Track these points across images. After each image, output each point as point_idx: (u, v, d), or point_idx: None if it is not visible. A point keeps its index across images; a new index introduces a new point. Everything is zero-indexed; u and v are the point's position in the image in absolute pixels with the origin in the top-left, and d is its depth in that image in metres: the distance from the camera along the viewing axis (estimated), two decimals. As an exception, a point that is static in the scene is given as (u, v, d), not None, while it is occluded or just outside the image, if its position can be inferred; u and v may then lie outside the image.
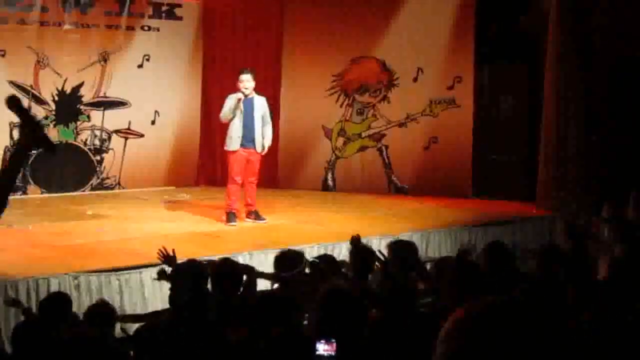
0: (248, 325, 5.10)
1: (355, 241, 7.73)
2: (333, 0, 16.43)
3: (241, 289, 6.92)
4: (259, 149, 12.53)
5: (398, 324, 5.31)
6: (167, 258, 7.51)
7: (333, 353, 3.99)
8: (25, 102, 14.42)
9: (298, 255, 7.82)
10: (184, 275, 6.92)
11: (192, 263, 7.31)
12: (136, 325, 6.65)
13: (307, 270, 7.45)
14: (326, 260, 7.66)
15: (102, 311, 6.59)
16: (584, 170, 13.33)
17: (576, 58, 13.46)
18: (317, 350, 4.00)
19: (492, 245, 7.87)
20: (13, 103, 5.20)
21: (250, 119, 12.48)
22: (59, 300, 6.79)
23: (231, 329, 5.40)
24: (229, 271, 6.99)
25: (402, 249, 8.00)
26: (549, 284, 6.14)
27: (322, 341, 4.01)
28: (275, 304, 5.09)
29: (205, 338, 5.27)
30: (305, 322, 5.42)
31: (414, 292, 6.13)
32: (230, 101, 12.44)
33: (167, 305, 7.17)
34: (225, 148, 12.62)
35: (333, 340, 4.01)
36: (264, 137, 12.59)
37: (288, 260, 7.66)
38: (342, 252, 10.00)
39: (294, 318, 5.01)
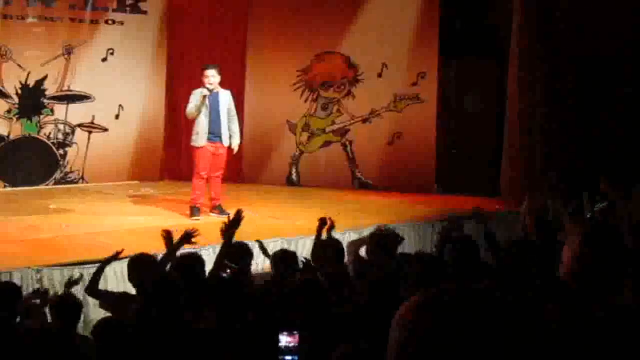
0: (215, 314, 5.12)
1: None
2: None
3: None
4: (225, 142, 12.54)
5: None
6: (186, 235, 7.53)
7: (296, 344, 4.02)
8: None
9: (245, 248, 7.88)
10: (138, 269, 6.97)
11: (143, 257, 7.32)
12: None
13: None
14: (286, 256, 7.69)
15: (69, 304, 6.57)
16: (548, 164, 13.43)
17: (540, 52, 13.56)
18: (279, 341, 4.03)
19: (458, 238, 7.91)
20: None
21: (217, 114, 12.48)
22: (7, 291, 6.71)
23: (198, 316, 5.42)
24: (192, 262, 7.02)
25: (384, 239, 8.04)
26: (515, 277, 6.18)
27: (285, 333, 4.05)
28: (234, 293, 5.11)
29: (173, 326, 5.28)
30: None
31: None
32: (196, 97, 12.42)
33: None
34: (192, 144, 12.62)
35: (295, 332, 4.04)
36: (231, 133, 12.60)
37: (236, 251, 7.71)
38: (305, 246, 10.03)
39: (256, 308, 5.04)
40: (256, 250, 8.44)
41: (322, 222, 8.32)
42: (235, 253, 7.57)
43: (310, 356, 4.12)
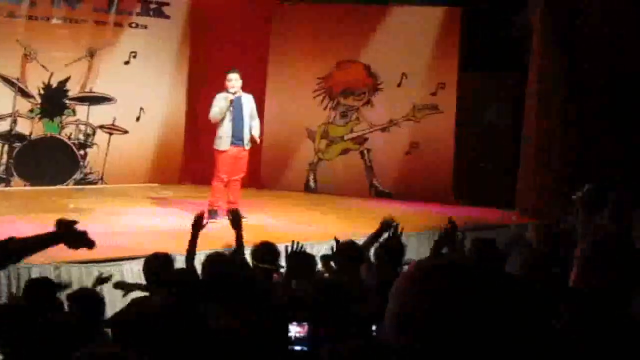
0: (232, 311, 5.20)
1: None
2: (321, 5, 16.60)
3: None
4: (247, 146, 12.63)
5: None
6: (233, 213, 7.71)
7: (306, 334, 4.10)
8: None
9: (273, 248, 7.96)
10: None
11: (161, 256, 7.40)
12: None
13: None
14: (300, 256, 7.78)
15: (91, 300, 6.64)
16: (565, 177, 13.45)
17: (559, 67, 13.60)
18: (289, 332, 4.11)
19: (480, 242, 7.99)
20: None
21: (240, 118, 12.56)
22: (44, 285, 6.83)
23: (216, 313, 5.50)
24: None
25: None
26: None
27: (295, 323, 4.13)
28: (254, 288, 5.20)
29: (193, 322, 5.36)
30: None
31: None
32: (220, 101, 12.49)
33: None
34: (214, 147, 12.68)
35: (305, 323, 4.12)
36: (252, 129, 12.67)
37: (263, 252, 7.80)
38: (321, 251, 10.10)
39: (271, 301, 5.12)
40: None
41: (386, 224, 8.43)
42: (263, 253, 7.69)
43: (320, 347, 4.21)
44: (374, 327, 4.65)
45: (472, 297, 1.86)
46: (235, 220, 7.86)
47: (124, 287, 7.79)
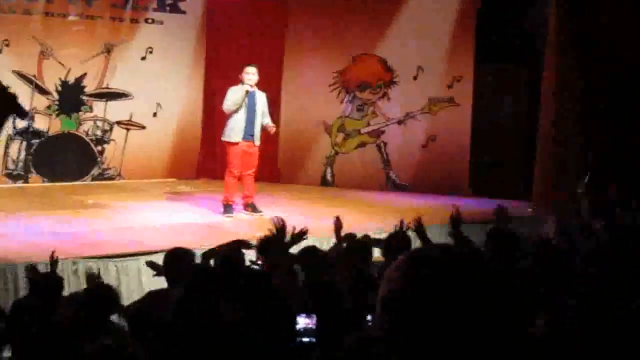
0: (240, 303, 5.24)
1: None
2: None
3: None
4: (257, 142, 12.67)
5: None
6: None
7: (313, 326, 4.13)
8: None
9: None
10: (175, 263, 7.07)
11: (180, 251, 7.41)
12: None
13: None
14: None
15: (105, 295, 6.69)
16: (580, 170, 13.43)
17: (574, 59, 13.57)
18: (297, 324, 4.14)
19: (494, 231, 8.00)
20: None
21: (253, 113, 12.60)
22: (52, 281, 6.87)
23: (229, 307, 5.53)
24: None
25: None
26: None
27: (303, 315, 4.15)
28: (260, 281, 5.23)
29: (209, 317, 5.39)
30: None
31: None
32: (235, 93, 12.53)
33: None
34: (225, 139, 12.69)
35: (313, 315, 4.15)
36: (264, 124, 12.72)
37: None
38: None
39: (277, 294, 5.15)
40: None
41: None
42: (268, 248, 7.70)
43: (327, 339, 4.24)
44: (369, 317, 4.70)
45: (450, 284, 1.89)
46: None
47: (155, 267, 7.79)
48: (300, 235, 7.63)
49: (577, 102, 13.59)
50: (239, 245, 7.68)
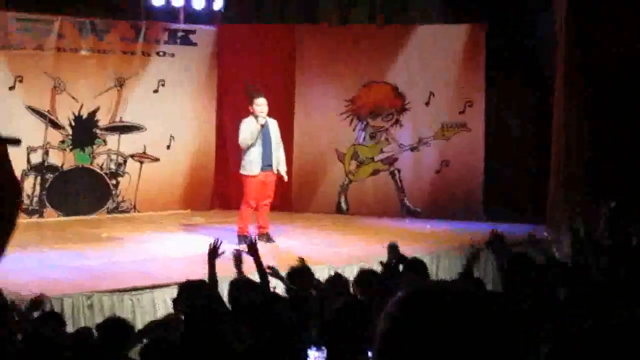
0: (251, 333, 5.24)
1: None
2: (345, 27, 16.70)
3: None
4: (275, 170, 12.71)
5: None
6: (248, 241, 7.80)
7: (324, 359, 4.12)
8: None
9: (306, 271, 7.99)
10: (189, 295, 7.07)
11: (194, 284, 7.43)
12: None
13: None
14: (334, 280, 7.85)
15: (119, 329, 6.70)
16: (592, 190, 13.38)
17: (585, 77, 13.55)
18: (308, 356, 4.14)
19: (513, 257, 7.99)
20: None
21: (268, 143, 12.65)
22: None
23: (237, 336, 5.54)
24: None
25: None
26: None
27: (314, 348, 4.15)
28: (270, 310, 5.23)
29: (216, 347, 5.39)
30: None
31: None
32: (249, 127, 12.56)
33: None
34: (244, 172, 12.72)
35: (324, 347, 4.14)
36: (279, 160, 12.77)
37: (298, 274, 7.85)
38: (353, 273, 10.12)
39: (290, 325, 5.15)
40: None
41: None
42: (296, 276, 7.74)
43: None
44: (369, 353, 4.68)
45: (448, 324, 1.89)
46: (251, 248, 7.91)
47: None
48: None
49: (589, 120, 13.56)
50: (265, 271, 7.76)
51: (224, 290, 7.55)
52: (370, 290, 7.45)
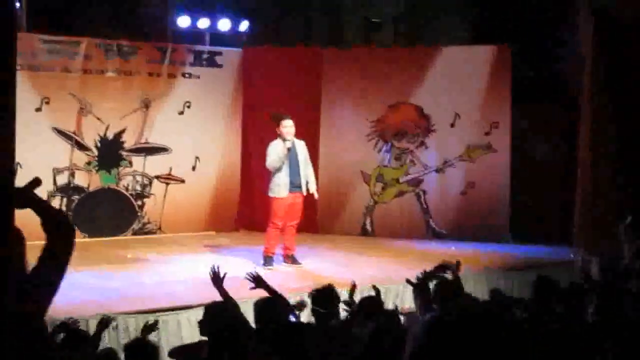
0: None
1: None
2: (370, 49, 16.75)
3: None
4: (304, 191, 12.72)
5: None
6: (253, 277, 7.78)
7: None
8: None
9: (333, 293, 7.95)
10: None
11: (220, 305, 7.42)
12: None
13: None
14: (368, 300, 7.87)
15: (145, 350, 6.71)
16: (620, 212, 13.30)
17: (609, 100, 13.50)
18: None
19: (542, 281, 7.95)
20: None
21: (296, 164, 12.67)
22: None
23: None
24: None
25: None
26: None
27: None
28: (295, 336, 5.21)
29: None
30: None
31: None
32: (276, 149, 12.57)
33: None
34: (272, 195, 12.72)
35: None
36: (308, 179, 12.78)
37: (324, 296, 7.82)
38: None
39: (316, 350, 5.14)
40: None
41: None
42: (322, 298, 7.71)
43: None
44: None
45: (472, 351, 1.87)
46: (257, 280, 7.89)
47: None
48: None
49: (616, 141, 13.50)
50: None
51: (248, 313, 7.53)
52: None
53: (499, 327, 1.93)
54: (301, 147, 12.85)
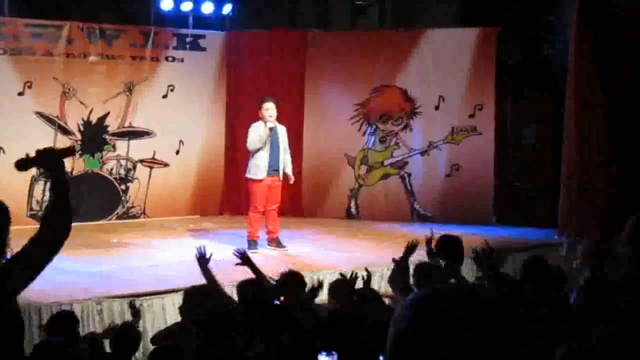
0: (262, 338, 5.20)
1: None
2: (355, 31, 16.71)
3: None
4: (282, 176, 12.69)
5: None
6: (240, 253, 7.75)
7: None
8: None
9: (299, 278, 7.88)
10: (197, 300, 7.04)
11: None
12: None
13: None
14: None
15: (128, 335, 6.70)
16: (605, 196, 13.32)
17: (596, 86, 13.49)
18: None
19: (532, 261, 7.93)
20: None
21: (276, 148, 12.62)
22: (66, 318, 6.88)
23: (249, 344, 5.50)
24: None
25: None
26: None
27: (324, 353, 4.11)
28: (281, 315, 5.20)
29: (227, 355, 5.36)
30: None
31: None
32: (258, 130, 12.53)
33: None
34: (249, 176, 12.71)
35: (334, 353, 4.11)
36: (285, 164, 12.75)
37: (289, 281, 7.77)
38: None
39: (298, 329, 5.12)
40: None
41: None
42: (288, 283, 7.64)
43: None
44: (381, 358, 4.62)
45: (459, 329, 1.85)
46: (244, 258, 7.84)
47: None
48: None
49: (600, 126, 13.49)
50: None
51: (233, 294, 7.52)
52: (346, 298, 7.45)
53: (491, 305, 1.90)
54: (283, 132, 12.80)
